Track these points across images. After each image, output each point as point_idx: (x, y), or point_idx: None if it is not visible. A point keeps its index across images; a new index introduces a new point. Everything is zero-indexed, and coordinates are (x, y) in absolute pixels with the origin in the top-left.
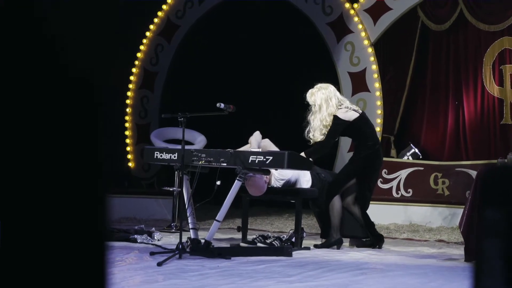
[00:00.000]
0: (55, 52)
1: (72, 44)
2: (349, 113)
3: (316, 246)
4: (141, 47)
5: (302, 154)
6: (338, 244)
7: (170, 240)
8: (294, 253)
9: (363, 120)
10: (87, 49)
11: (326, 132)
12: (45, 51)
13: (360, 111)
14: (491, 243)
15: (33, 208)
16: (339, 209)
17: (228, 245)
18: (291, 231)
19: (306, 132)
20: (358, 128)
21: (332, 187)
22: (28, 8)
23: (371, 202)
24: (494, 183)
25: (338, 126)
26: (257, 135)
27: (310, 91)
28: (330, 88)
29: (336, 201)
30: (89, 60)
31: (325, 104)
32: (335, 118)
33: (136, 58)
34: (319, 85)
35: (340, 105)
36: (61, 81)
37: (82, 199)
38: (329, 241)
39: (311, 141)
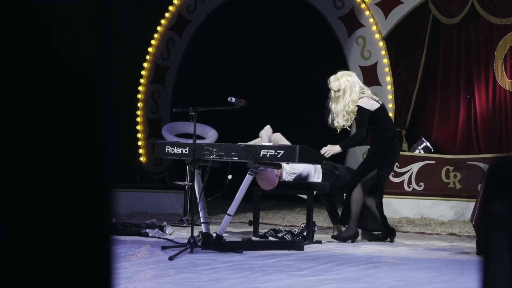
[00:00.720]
0: (53, 48)
1: (71, 39)
2: (371, 103)
3: (333, 237)
4: (153, 42)
5: (338, 146)
6: (353, 238)
7: (181, 234)
8: (305, 247)
9: (383, 112)
10: (86, 43)
11: (349, 119)
12: (44, 47)
13: (380, 102)
14: (498, 236)
15: (33, 205)
16: (360, 201)
17: (240, 239)
18: (303, 225)
19: (329, 120)
20: (378, 119)
21: (353, 179)
22: (28, 4)
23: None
24: (501, 175)
25: (364, 116)
26: (267, 129)
27: (334, 76)
28: (354, 75)
29: (357, 193)
30: (88, 55)
31: (349, 90)
32: (360, 108)
33: (148, 53)
34: (343, 72)
35: (362, 93)
36: (59, 76)
37: (84, 195)
38: (347, 234)
39: (337, 129)
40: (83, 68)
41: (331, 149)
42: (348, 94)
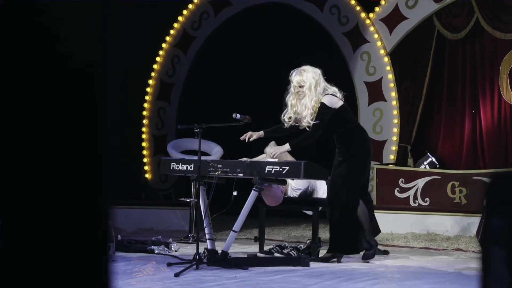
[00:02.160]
0: (54, 52)
1: (73, 46)
2: (335, 100)
3: (363, 258)
4: (158, 59)
5: (287, 145)
6: (376, 250)
7: (187, 250)
8: (311, 263)
9: (347, 110)
10: (88, 51)
11: (315, 117)
12: (44, 48)
13: (343, 100)
14: (496, 251)
15: (33, 209)
16: (366, 213)
17: (245, 256)
18: (308, 241)
19: (284, 114)
20: (343, 118)
21: (351, 197)
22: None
23: (388, 211)
24: (499, 191)
25: (325, 115)
26: (272, 145)
27: (298, 70)
28: (319, 72)
29: (361, 207)
30: (90, 66)
31: (314, 88)
32: (322, 106)
33: (153, 70)
34: (308, 66)
35: (326, 90)
36: (65, 87)
37: (82, 202)
38: (372, 251)
39: (285, 124)
40: (85, 76)
41: (277, 150)
42: (314, 92)
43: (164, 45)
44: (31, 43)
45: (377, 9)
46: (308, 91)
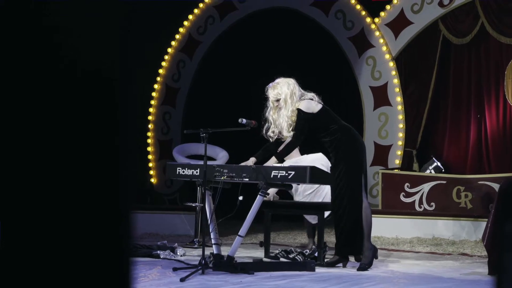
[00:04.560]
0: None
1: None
2: (313, 104)
3: (359, 269)
4: (163, 64)
5: (274, 159)
6: (375, 254)
7: (193, 255)
8: (317, 267)
9: (328, 112)
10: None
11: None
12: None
13: (321, 103)
14: (511, 256)
15: (33, 211)
16: (369, 215)
17: (251, 260)
18: (314, 246)
19: (266, 129)
20: (324, 121)
21: (352, 198)
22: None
23: (394, 216)
24: None
25: (304, 121)
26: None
27: (272, 85)
28: (293, 81)
29: (365, 208)
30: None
31: (290, 99)
32: (299, 112)
33: (158, 75)
34: (281, 79)
35: (303, 96)
36: (79, 85)
37: (97, 204)
38: (369, 256)
39: (271, 139)
40: (108, 82)
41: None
42: (289, 103)
43: (169, 50)
44: (37, 44)
45: (382, 13)
46: (284, 103)
